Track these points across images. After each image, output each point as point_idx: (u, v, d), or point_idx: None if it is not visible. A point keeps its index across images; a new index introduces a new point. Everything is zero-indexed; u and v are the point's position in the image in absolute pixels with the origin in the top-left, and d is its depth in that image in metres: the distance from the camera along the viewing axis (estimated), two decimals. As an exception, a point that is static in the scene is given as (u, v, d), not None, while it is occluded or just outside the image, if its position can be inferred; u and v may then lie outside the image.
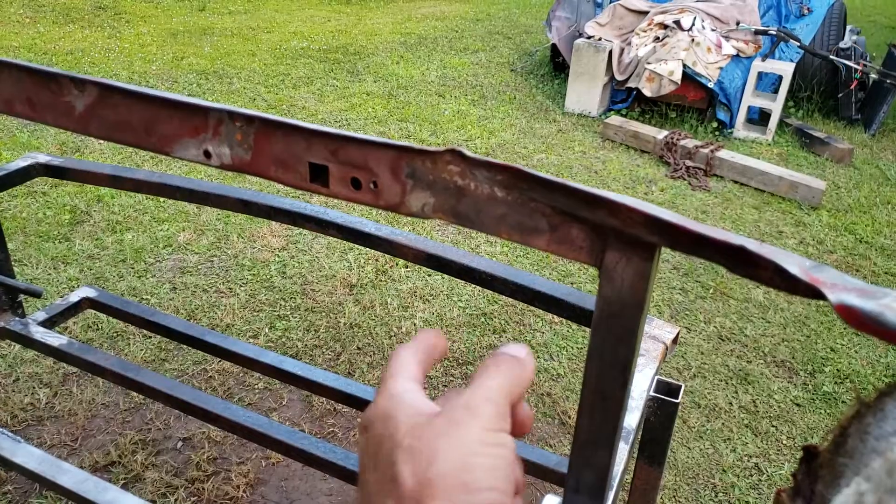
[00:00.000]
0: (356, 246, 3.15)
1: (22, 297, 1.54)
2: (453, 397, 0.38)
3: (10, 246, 1.51)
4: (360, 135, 0.72)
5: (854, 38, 5.20)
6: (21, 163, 1.46)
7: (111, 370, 1.39)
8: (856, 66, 5.06)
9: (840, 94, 5.29)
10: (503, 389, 0.39)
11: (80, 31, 6.39)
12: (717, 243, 0.54)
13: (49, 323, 1.54)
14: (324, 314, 2.72)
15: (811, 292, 0.49)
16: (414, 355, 0.43)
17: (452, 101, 5.30)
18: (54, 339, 1.44)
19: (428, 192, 0.70)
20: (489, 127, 4.83)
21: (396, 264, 3.07)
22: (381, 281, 2.96)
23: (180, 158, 0.85)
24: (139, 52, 5.85)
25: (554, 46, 5.80)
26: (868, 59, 5.28)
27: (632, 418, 1.02)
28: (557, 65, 5.96)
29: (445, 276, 3.01)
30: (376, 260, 3.08)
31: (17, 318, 1.49)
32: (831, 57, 5.07)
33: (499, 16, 8.51)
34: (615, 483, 0.96)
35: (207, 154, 0.82)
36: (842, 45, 5.15)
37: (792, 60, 5.01)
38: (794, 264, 0.51)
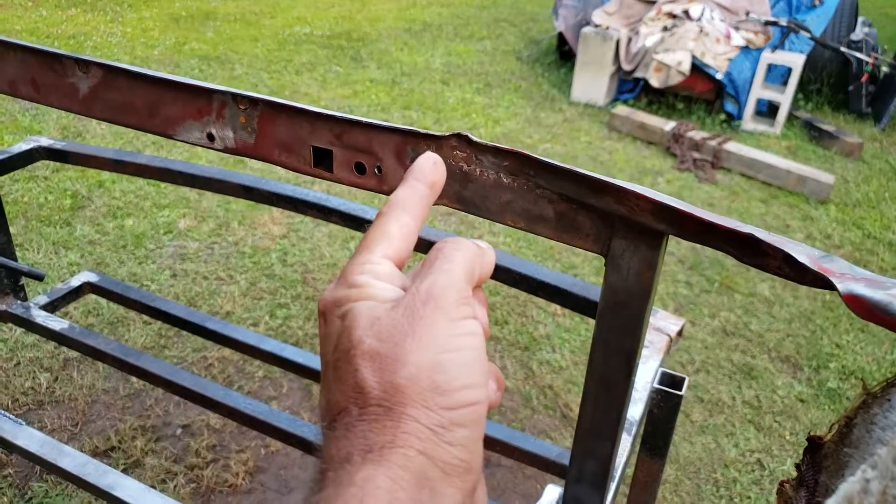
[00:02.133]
0: (358, 235, 3.14)
1: (24, 280, 1.53)
2: (412, 286, 0.34)
3: (11, 230, 1.51)
4: (364, 118, 0.71)
5: (866, 30, 5.15)
6: (23, 146, 1.45)
7: (112, 355, 1.38)
8: (867, 58, 5.01)
9: (850, 87, 5.25)
10: (464, 272, 0.35)
11: (83, 14, 6.37)
12: (725, 231, 0.53)
13: (51, 307, 1.53)
14: (326, 302, 2.71)
15: (820, 282, 0.48)
16: (402, 218, 0.38)
17: (457, 88, 5.27)
18: (56, 322, 1.44)
19: (432, 178, 0.69)
20: (494, 115, 4.80)
21: (399, 253, 3.06)
22: (383, 269, 2.95)
23: (184, 141, 0.84)
24: (141, 37, 5.83)
25: (561, 35, 5.76)
26: (879, 51, 5.24)
27: (635, 410, 1.02)
28: (564, 53, 5.92)
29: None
30: (379, 248, 3.07)
31: (18, 302, 1.49)
32: (842, 49, 5.02)
33: (505, 3, 8.45)
34: (617, 474, 0.95)
35: (211, 137, 0.81)
36: (853, 37, 5.10)
37: (802, 52, 4.96)
38: (803, 253, 0.50)
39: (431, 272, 0.35)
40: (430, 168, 0.42)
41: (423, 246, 1.15)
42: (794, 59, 4.76)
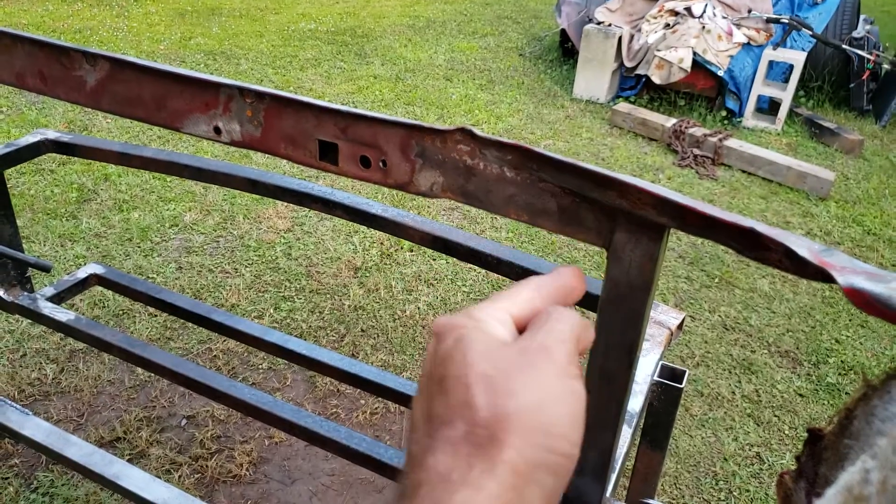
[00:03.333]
0: (361, 229, 3.15)
1: (30, 272, 1.55)
2: (525, 335, 0.36)
3: (18, 223, 1.52)
4: (370, 112, 0.72)
5: (867, 27, 5.15)
6: (30, 139, 1.47)
7: (118, 346, 1.40)
8: (868, 56, 5.01)
9: (852, 85, 5.25)
10: (574, 336, 0.37)
11: (89, 9, 6.37)
12: (726, 225, 0.54)
13: (57, 298, 1.55)
14: (328, 296, 2.73)
15: (820, 275, 0.49)
16: (534, 291, 0.40)
17: (460, 85, 5.27)
18: (62, 314, 1.45)
19: (437, 172, 0.70)
20: (496, 112, 4.81)
21: (401, 248, 3.07)
22: (385, 264, 2.97)
23: (190, 134, 0.85)
24: (147, 32, 5.84)
25: (563, 32, 5.76)
26: (881, 49, 5.23)
27: (635, 402, 1.03)
28: (566, 50, 5.92)
29: (450, 260, 3.02)
30: (381, 243, 3.09)
31: (25, 293, 1.50)
32: (844, 46, 5.02)
33: (508, 0, 8.44)
34: (618, 466, 0.96)
35: (217, 130, 0.82)
36: (855, 34, 5.10)
37: (804, 49, 4.96)
38: (804, 247, 0.51)
39: (544, 329, 0.37)
40: (573, 273, 0.44)
41: (430, 242, 1.16)
42: (796, 57, 4.76)
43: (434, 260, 3.00)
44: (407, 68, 5.54)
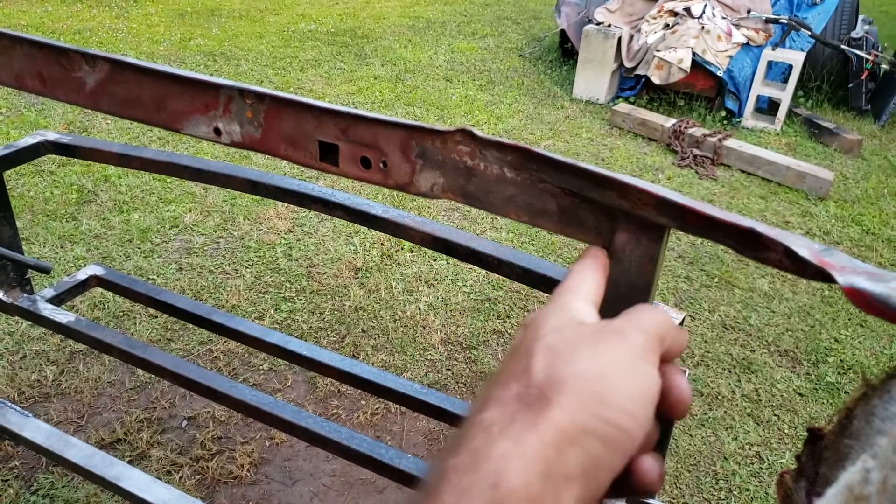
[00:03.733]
0: (362, 230, 3.15)
1: (30, 273, 1.55)
2: (609, 321, 0.37)
3: (17, 224, 1.52)
4: (370, 113, 0.72)
5: (866, 27, 5.15)
6: (30, 140, 1.47)
7: (118, 347, 1.40)
8: (867, 56, 5.01)
9: (850, 85, 5.25)
10: (656, 330, 0.37)
11: (88, 10, 6.37)
12: (726, 225, 0.54)
13: (57, 300, 1.55)
14: (329, 297, 2.73)
15: (820, 275, 0.49)
16: (594, 273, 0.41)
17: (460, 85, 5.27)
18: (62, 315, 1.45)
19: (437, 172, 0.70)
20: (496, 112, 4.81)
21: (402, 248, 3.07)
22: (386, 265, 2.97)
23: (191, 135, 0.85)
24: (147, 33, 5.84)
25: (563, 32, 5.76)
26: (880, 49, 5.23)
27: (635, 402, 1.03)
28: (566, 51, 5.92)
29: (450, 261, 3.02)
30: (381, 244, 3.09)
31: (25, 295, 1.50)
32: (842, 47, 5.02)
33: (508, 0, 8.45)
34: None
35: (218, 131, 0.82)
36: (853, 34, 5.10)
37: (802, 50, 4.96)
38: (804, 247, 0.51)
39: (626, 317, 0.37)
40: (599, 252, 0.46)
41: (430, 243, 1.16)
42: (795, 57, 4.76)
43: (434, 260, 3.00)
44: (407, 69, 5.54)
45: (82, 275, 1.64)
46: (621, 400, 0.33)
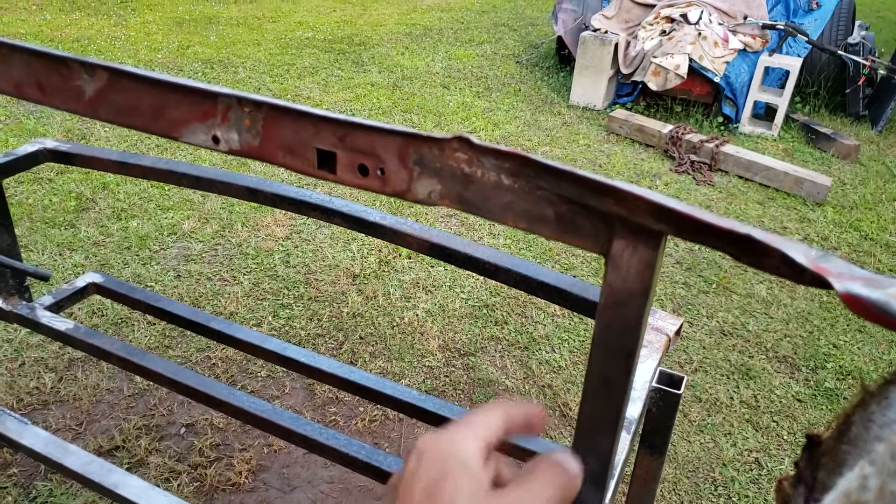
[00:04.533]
0: (359, 236, 3.16)
1: (29, 281, 1.55)
2: (507, 490, 0.38)
3: (16, 232, 1.52)
4: (367, 121, 0.72)
5: (863, 33, 5.17)
6: (29, 148, 1.47)
7: (117, 354, 1.40)
8: (864, 61, 5.03)
9: (847, 90, 5.27)
10: (559, 498, 0.40)
11: (87, 18, 6.39)
12: (722, 231, 0.55)
13: (56, 307, 1.55)
14: (327, 304, 2.73)
15: (817, 281, 0.50)
16: (500, 419, 0.42)
17: (457, 92, 5.29)
18: (61, 323, 1.45)
19: (435, 179, 0.70)
20: (494, 119, 4.82)
21: (399, 255, 3.07)
22: (383, 271, 2.97)
23: (189, 143, 0.85)
24: (145, 41, 5.85)
25: (560, 39, 5.78)
26: (877, 54, 5.25)
27: (634, 408, 1.03)
28: (563, 57, 5.94)
29: (448, 267, 3.02)
30: (379, 251, 3.09)
31: (24, 303, 1.50)
32: (839, 52, 5.04)
33: (504, 7, 8.48)
34: (616, 472, 0.96)
35: (216, 139, 0.83)
36: (850, 40, 5.12)
37: (799, 55, 4.98)
38: (801, 253, 0.51)
39: (528, 487, 0.39)
40: (539, 412, 0.46)
41: (428, 249, 1.16)
42: (792, 63, 4.78)
43: (432, 267, 3.01)
44: (404, 76, 5.55)
45: (81, 282, 1.64)
46: None
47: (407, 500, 0.37)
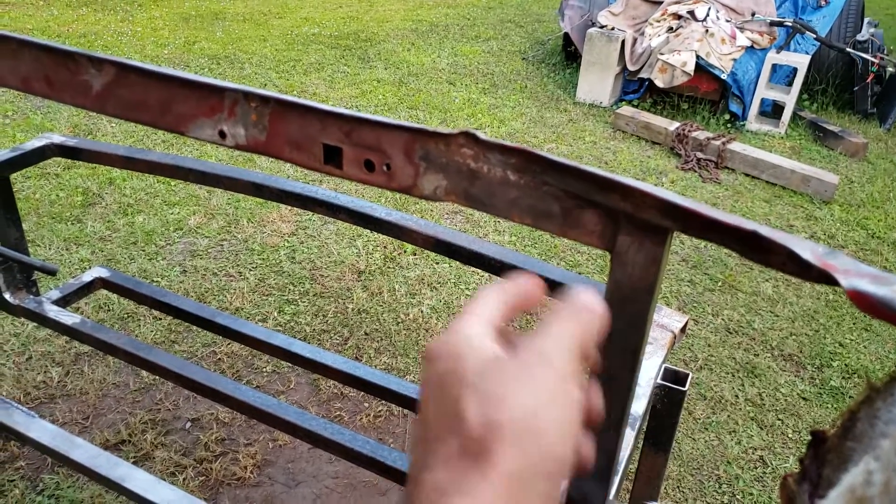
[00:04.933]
0: (365, 232, 3.16)
1: (36, 275, 1.55)
2: (524, 342, 0.36)
3: (24, 226, 1.53)
4: (374, 116, 0.72)
5: (871, 30, 5.14)
6: (36, 143, 1.48)
7: (123, 349, 1.40)
8: (873, 59, 5.01)
9: (856, 88, 5.24)
10: (577, 339, 0.37)
11: (93, 14, 6.40)
12: (729, 227, 0.55)
13: (62, 302, 1.56)
14: (332, 299, 2.73)
15: (823, 278, 0.50)
16: (499, 297, 0.40)
17: (463, 89, 5.28)
18: (68, 317, 1.46)
19: (441, 175, 0.70)
20: (499, 115, 4.81)
21: (405, 251, 3.08)
22: (389, 268, 2.97)
23: (195, 138, 0.86)
24: (151, 36, 5.86)
25: (566, 35, 5.77)
26: (885, 52, 5.23)
27: (638, 405, 1.03)
28: (569, 54, 5.93)
29: (453, 264, 3.02)
30: (384, 247, 3.09)
31: (31, 297, 1.51)
32: (848, 49, 5.02)
33: (511, 4, 8.46)
34: (621, 468, 0.96)
35: (223, 134, 0.83)
36: (859, 37, 5.09)
37: (807, 52, 4.96)
38: (807, 249, 0.51)
39: (544, 333, 0.37)
40: (535, 280, 0.44)
41: (433, 246, 1.16)
42: (800, 60, 4.76)
43: (437, 263, 3.01)
44: (410, 72, 5.55)
45: (87, 277, 1.65)
46: (555, 431, 0.33)
47: (423, 403, 0.36)
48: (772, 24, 4.90)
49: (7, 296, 1.47)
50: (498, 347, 0.37)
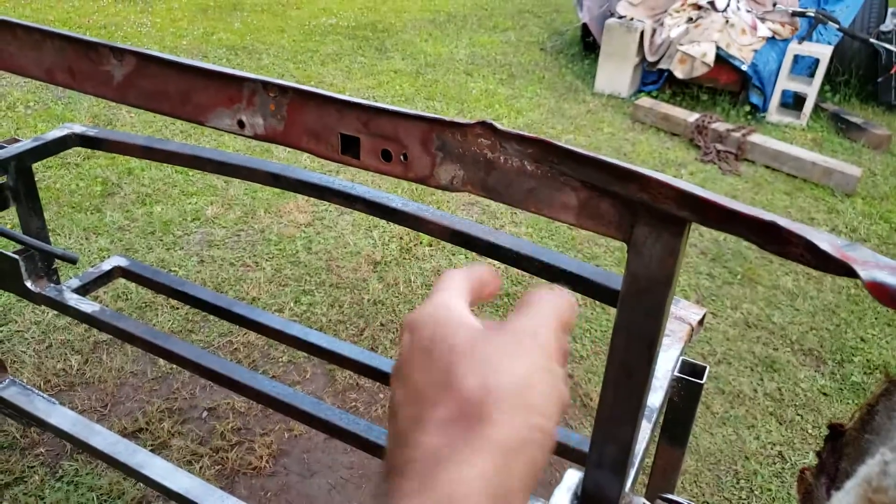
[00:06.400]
0: (381, 223, 3.17)
1: (57, 264, 1.57)
2: (510, 321, 0.37)
3: (45, 215, 1.55)
4: (391, 106, 0.72)
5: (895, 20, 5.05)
6: (58, 133, 1.49)
7: (141, 338, 1.42)
8: (896, 50, 4.92)
9: (879, 79, 5.15)
10: (560, 320, 0.38)
11: (113, 5, 6.45)
12: (747, 219, 0.54)
13: (82, 290, 1.57)
14: (348, 290, 2.74)
15: (843, 269, 0.49)
16: (464, 280, 0.42)
17: (480, 79, 5.26)
18: (88, 305, 1.48)
19: (458, 165, 0.70)
20: (517, 106, 4.79)
21: (421, 242, 3.08)
22: (405, 259, 2.97)
23: (214, 128, 0.86)
24: (170, 27, 5.89)
25: (585, 26, 5.72)
26: (910, 43, 5.13)
27: (655, 398, 1.03)
28: (588, 44, 5.88)
29: (469, 255, 3.02)
30: (400, 238, 3.09)
31: (52, 285, 1.53)
32: (871, 40, 4.93)
33: (529, -6, 8.40)
34: (637, 461, 0.96)
35: (241, 124, 0.83)
36: (883, 28, 5.01)
37: (830, 43, 4.88)
38: (826, 241, 0.51)
39: (531, 313, 0.38)
40: (489, 270, 0.45)
41: (449, 236, 1.16)
42: (822, 51, 4.68)
43: (453, 255, 3.01)
44: (427, 63, 5.54)
45: (107, 266, 1.66)
46: (544, 405, 0.34)
47: (406, 369, 0.36)
48: (793, 14, 4.82)
49: (29, 283, 1.49)
50: (476, 321, 0.38)
